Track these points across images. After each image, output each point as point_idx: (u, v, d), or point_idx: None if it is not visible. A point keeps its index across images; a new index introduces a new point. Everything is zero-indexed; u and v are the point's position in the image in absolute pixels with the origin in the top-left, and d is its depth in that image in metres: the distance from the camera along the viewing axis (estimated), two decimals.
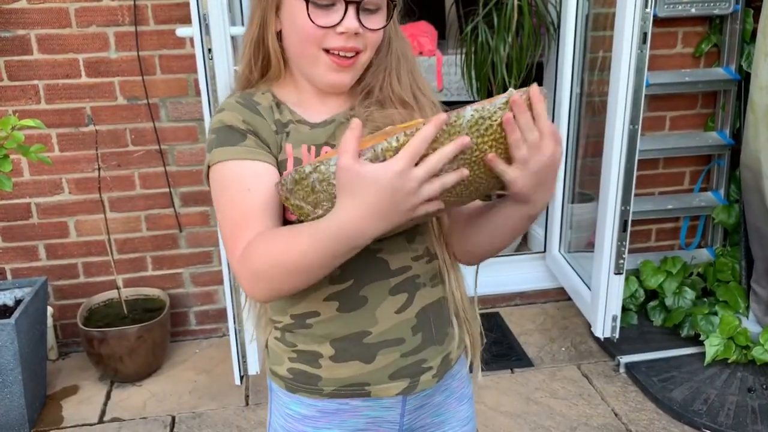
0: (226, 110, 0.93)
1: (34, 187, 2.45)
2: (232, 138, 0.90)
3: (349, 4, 0.88)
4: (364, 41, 0.91)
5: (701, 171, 2.86)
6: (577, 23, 2.61)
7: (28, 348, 2.16)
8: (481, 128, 0.76)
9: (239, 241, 0.85)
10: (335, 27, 0.88)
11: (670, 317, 2.61)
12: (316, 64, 0.92)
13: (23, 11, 2.26)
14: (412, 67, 1.00)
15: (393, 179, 0.72)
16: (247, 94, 0.97)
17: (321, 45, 0.90)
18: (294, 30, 0.91)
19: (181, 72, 2.42)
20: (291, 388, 0.99)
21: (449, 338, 1.03)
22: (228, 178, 0.89)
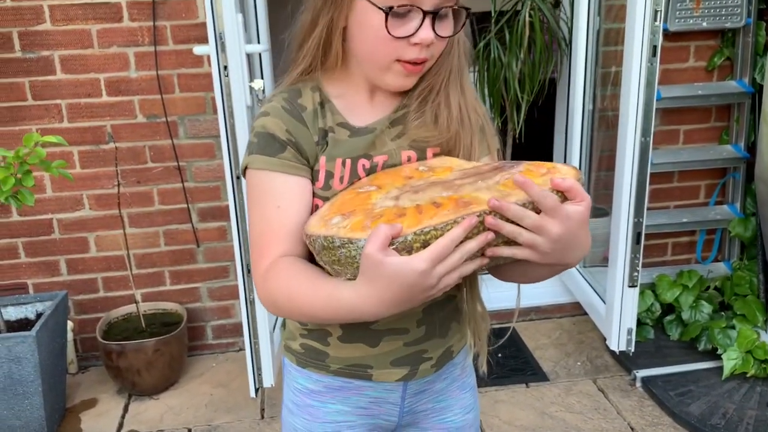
0: (271, 115, 0.94)
1: (56, 204, 2.51)
2: (272, 147, 0.92)
3: (426, 15, 0.87)
4: (434, 49, 0.91)
5: (716, 184, 2.85)
6: (588, 39, 2.63)
7: (48, 361, 2.20)
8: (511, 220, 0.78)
9: (264, 257, 0.91)
10: (410, 37, 0.88)
11: (687, 331, 2.59)
12: (386, 72, 0.92)
13: (47, 33, 2.34)
14: (464, 69, 1.00)
15: (414, 277, 0.75)
16: (294, 92, 0.97)
17: (395, 56, 0.90)
18: (365, 37, 0.90)
19: (199, 90, 2.47)
20: (301, 363, 1.05)
21: (452, 332, 1.06)
22: (261, 189, 0.93)
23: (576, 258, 0.84)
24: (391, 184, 0.89)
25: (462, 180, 0.86)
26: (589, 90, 2.70)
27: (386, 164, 0.96)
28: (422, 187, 0.85)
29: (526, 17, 2.67)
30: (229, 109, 1.96)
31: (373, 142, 0.96)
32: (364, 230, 0.78)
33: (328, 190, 0.94)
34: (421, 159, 0.97)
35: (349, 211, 0.84)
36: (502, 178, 0.84)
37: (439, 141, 0.97)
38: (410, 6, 0.86)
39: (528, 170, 0.85)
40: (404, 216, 0.79)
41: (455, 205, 0.79)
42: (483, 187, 0.82)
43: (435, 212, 0.78)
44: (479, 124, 1.00)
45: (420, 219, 0.77)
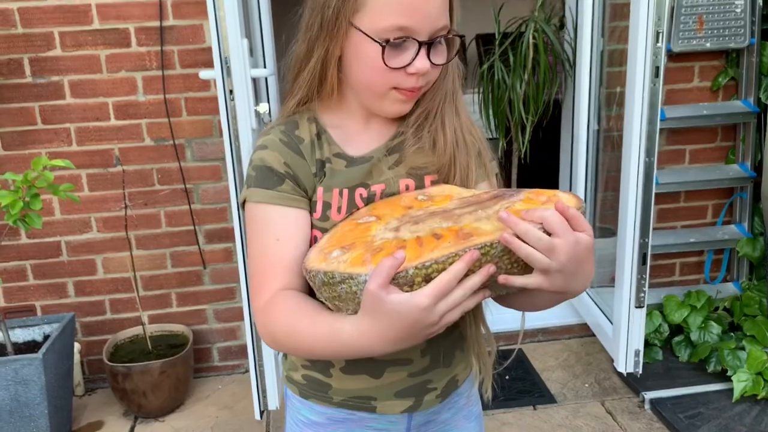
0: (269, 149, 0.94)
1: (65, 226, 2.53)
2: (270, 180, 0.92)
3: (421, 45, 0.87)
4: (428, 77, 0.92)
5: (723, 204, 2.84)
6: (592, 60, 2.64)
7: (54, 383, 2.21)
8: (513, 256, 0.78)
9: (263, 290, 0.90)
10: (406, 67, 0.88)
11: (696, 352, 2.56)
12: (383, 99, 0.93)
13: (57, 59, 2.38)
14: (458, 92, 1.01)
15: (416, 314, 0.74)
16: (291, 124, 0.97)
17: (391, 85, 0.90)
18: (362, 67, 0.90)
19: (206, 113, 2.50)
20: (304, 394, 1.03)
21: (457, 360, 1.04)
22: (260, 222, 0.93)
23: (582, 286, 0.84)
24: (391, 215, 0.88)
25: (462, 209, 0.85)
26: (594, 111, 2.71)
27: (384, 193, 0.95)
28: (422, 218, 0.84)
29: (530, 39, 2.69)
30: (234, 132, 1.98)
31: (370, 171, 0.96)
32: (365, 265, 0.77)
33: (326, 221, 0.94)
34: (419, 187, 0.97)
35: (349, 244, 0.83)
36: (502, 207, 0.83)
37: (436, 167, 0.96)
38: (406, 37, 0.87)
39: (528, 199, 0.84)
40: (404, 249, 0.77)
41: (456, 237, 0.77)
42: (483, 216, 0.81)
43: (436, 244, 0.77)
44: (476, 148, 1.00)
45: (421, 252, 0.76)
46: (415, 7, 0.85)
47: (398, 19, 0.85)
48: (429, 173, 0.97)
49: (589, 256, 0.81)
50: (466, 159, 0.97)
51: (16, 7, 2.32)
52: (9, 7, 2.31)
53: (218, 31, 1.88)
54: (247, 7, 2.25)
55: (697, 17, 2.57)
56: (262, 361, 2.16)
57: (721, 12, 2.56)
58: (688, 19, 2.57)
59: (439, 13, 0.88)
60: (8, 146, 2.43)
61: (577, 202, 0.82)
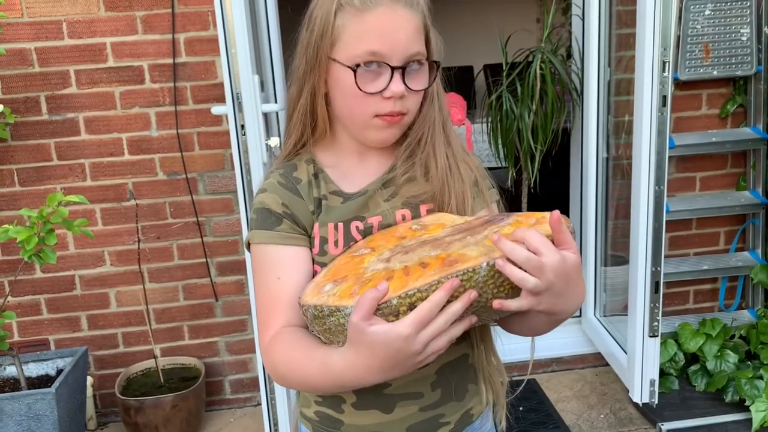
0: (268, 191, 0.98)
1: (78, 260, 2.56)
2: (269, 221, 0.96)
3: (394, 70, 0.91)
4: (407, 104, 0.94)
5: (736, 231, 2.82)
6: (599, 89, 2.66)
7: (67, 417, 2.21)
8: (498, 280, 0.78)
9: (268, 327, 0.94)
10: (382, 92, 0.92)
11: (713, 382, 2.52)
12: (367, 128, 0.96)
13: (73, 96, 2.43)
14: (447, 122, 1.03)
15: (398, 343, 0.75)
16: (290, 167, 1.01)
17: (372, 112, 0.93)
18: (342, 96, 0.95)
19: (217, 147, 2.54)
20: (317, 430, 1.04)
21: (470, 394, 1.04)
22: (262, 262, 0.96)
23: (573, 306, 0.84)
24: (384, 246, 0.90)
25: (452, 236, 0.86)
26: (603, 139, 2.72)
27: (381, 225, 0.97)
28: (412, 247, 0.86)
29: (537, 69, 2.71)
30: (246, 166, 2.01)
31: (365, 204, 0.98)
32: (352, 297, 0.78)
33: (324, 256, 0.96)
34: (416, 216, 0.98)
35: (342, 277, 0.85)
36: (491, 231, 0.84)
37: (430, 195, 0.98)
38: (377, 62, 0.91)
39: (517, 222, 0.85)
40: (392, 279, 0.79)
41: (441, 265, 0.78)
42: (471, 242, 0.82)
43: (421, 273, 0.78)
44: (472, 177, 1.01)
45: (406, 281, 0.77)
46: (383, 33, 0.90)
47: (369, 46, 0.90)
48: (424, 202, 0.99)
49: (577, 273, 0.81)
50: (461, 187, 0.99)
51: (34, 47, 2.38)
52: (27, 47, 2.37)
53: (230, 67, 1.92)
54: (258, 44, 2.29)
55: (703, 46, 2.59)
56: (274, 394, 2.15)
57: (727, 40, 2.58)
58: (694, 48, 2.59)
59: (410, 39, 0.92)
60: (24, 182, 2.47)
61: (565, 221, 0.82)
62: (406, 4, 0.92)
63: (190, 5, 2.41)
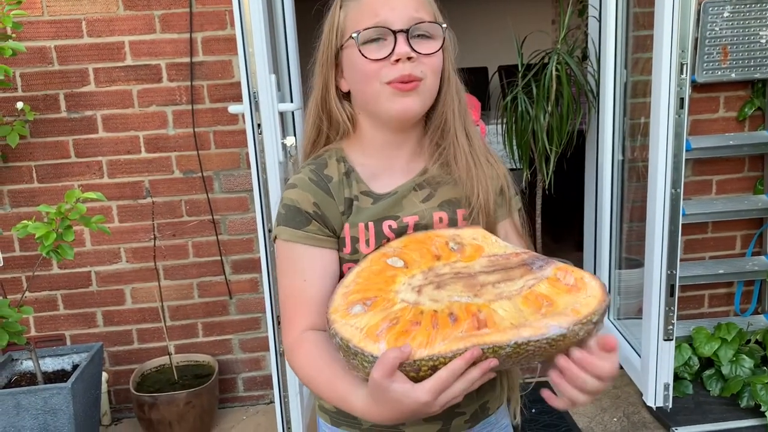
0: (299, 188, 0.97)
1: (95, 257, 2.58)
2: (298, 220, 0.96)
3: (397, 33, 0.91)
4: (421, 67, 0.92)
5: (753, 235, 2.80)
6: (616, 91, 2.65)
7: (82, 412, 2.23)
8: (520, 356, 0.80)
9: (293, 329, 0.95)
10: (389, 57, 0.91)
11: (728, 387, 2.50)
12: (380, 99, 0.94)
13: (91, 94, 2.45)
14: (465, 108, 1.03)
15: (416, 406, 0.78)
16: (320, 164, 1.00)
17: (380, 80, 0.92)
18: (354, 74, 0.95)
19: (233, 146, 2.55)
20: (335, 422, 1.06)
21: (486, 388, 1.04)
22: (289, 260, 0.97)
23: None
24: (418, 264, 0.89)
25: (487, 275, 0.87)
26: (618, 141, 2.71)
27: (418, 224, 0.97)
28: (445, 281, 0.86)
29: (553, 71, 2.71)
30: (262, 165, 2.02)
31: (398, 203, 0.98)
32: (378, 340, 0.80)
33: (355, 254, 0.97)
34: (452, 219, 0.98)
35: (371, 298, 0.85)
36: (527, 284, 0.85)
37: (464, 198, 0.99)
38: (380, 28, 0.92)
39: (555, 279, 0.86)
40: (419, 326, 0.80)
41: (470, 325, 0.80)
42: (505, 295, 0.84)
43: (448, 332, 0.79)
44: (498, 184, 1.02)
45: (433, 337, 0.79)
46: (383, 4, 0.92)
47: (369, 19, 0.92)
48: (460, 206, 0.99)
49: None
50: (486, 183, 0.99)
51: (53, 45, 2.40)
52: (47, 45, 2.40)
53: (247, 66, 1.93)
54: (275, 43, 2.30)
55: (721, 48, 2.57)
56: (287, 393, 2.16)
57: (746, 43, 2.56)
58: (713, 50, 2.57)
59: (412, 6, 0.93)
60: (43, 179, 2.50)
61: (602, 296, 0.83)
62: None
63: (208, 5, 2.42)
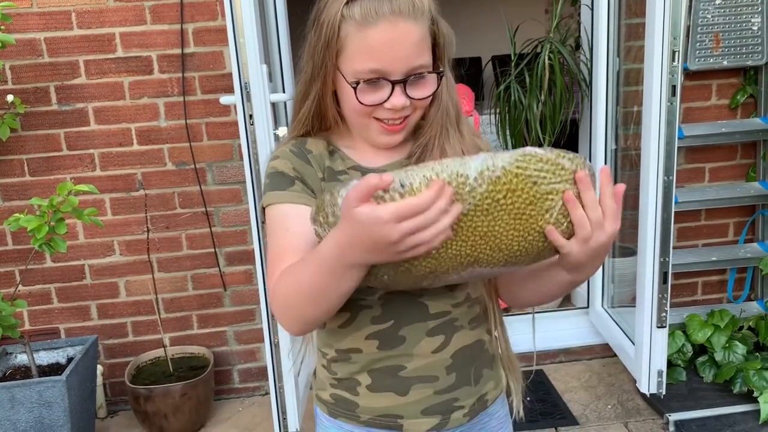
0: (280, 158, 1.01)
1: (88, 250, 2.58)
2: (282, 183, 0.98)
3: (395, 84, 0.92)
4: (412, 106, 0.95)
5: (745, 222, 2.81)
6: (608, 79, 2.65)
7: (78, 405, 2.23)
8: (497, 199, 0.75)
9: (274, 273, 0.92)
10: (383, 104, 0.93)
11: (721, 373, 2.52)
12: (368, 131, 0.98)
13: (82, 86, 2.44)
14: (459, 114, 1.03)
15: (377, 227, 0.73)
16: (300, 141, 1.03)
17: (370, 116, 0.95)
18: (345, 102, 0.97)
19: (226, 138, 2.54)
20: (332, 413, 1.05)
21: (485, 379, 1.05)
22: (275, 218, 0.97)
23: (593, 270, 0.87)
24: None
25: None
26: (611, 130, 2.71)
27: None
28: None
29: (546, 60, 2.71)
30: (254, 156, 2.01)
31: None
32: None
33: None
34: None
35: None
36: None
37: None
38: (377, 77, 0.91)
39: None
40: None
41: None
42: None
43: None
44: None
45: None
46: (384, 50, 0.90)
47: (370, 63, 0.91)
48: None
49: (610, 247, 0.83)
50: None
51: (43, 37, 2.39)
52: (36, 37, 2.38)
53: (238, 57, 1.92)
54: (266, 34, 2.29)
55: (713, 35, 2.57)
56: (282, 383, 2.17)
57: (738, 30, 2.56)
58: (705, 38, 2.57)
59: (413, 53, 0.91)
60: (34, 172, 2.49)
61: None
62: (409, 15, 0.90)
63: None
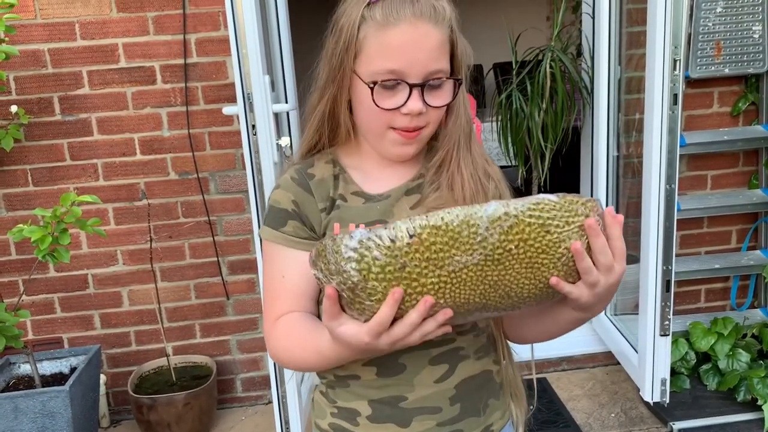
0: (281, 188, 0.99)
1: (91, 259, 2.58)
2: (277, 221, 0.97)
3: (413, 87, 0.90)
4: (426, 118, 0.93)
5: (748, 229, 2.81)
6: (610, 87, 2.65)
7: (81, 415, 2.23)
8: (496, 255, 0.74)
9: (269, 317, 0.97)
10: (400, 108, 0.91)
11: (725, 381, 2.51)
12: (382, 140, 0.95)
13: (85, 97, 2.45)
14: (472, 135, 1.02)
15: (363, 346, 0.79)
16: (306, 164, 1.01)
17: (387, 125, 0.93)
18: (361, 108, 0.95)
19: (229, 147, 2.55)
20: None
21: (491, 409, 1.01)
22: (269, 258, 0.99)
23: (603, 308, 0.86)
24: None
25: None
26: (613, 137, 2.71)
27: None
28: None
29: (547, 68, 2.71)
30: (257, 166, 2.02)
31: (389, 210, 0.97)
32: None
33: None
34: None
35: None
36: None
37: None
38: (395, 79, 0.90)
39: None
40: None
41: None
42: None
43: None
44: (496, 191, 1.00)
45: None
46: (404, 51, 0.89)
47: (388, 63, 0.89)
48: None
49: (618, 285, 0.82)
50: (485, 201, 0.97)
51: (47, 48, 2.40)
52: (40, 48, 2.40)
53: (241, 67, 1.93)
54: (268, 44, 2.30)
55: (714, 43, 2.58)
56: (285, 393, 2.17)
57: (739, 38, 2.57)
58: (706, 46, 2.58)
59: (431, 57, 0.90)
60: (38, 182, 2.50)
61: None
62: (430, 18, 0.89)
63: (201, 6, 2.42)
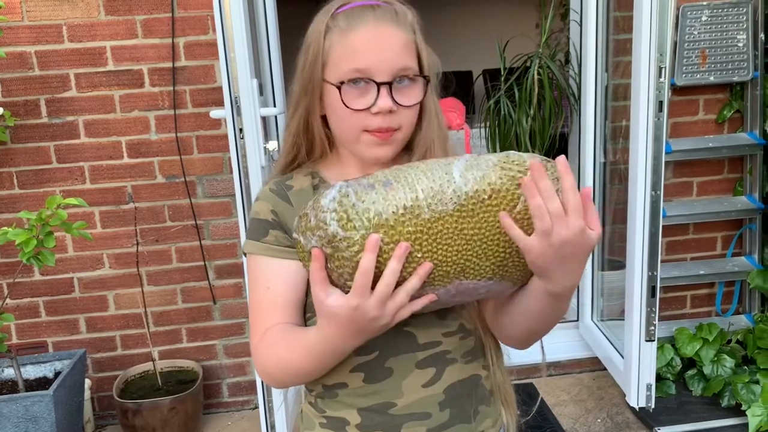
0: (261, 200, 0.99)
1: (77, 263, 2.57)
2: (258, 232, 0.97)
3: (380, 85, 0.91)
4: (398, 120, 0.93)
5: (733, 236, 2.83)
6: (597, 94, 2.67)
7: (64, 420, 2.21)
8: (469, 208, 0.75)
9: (256, 332, 0.95)
10: (369, 108, 0.91)
11: (710, 386, 2.53)
12: (358, 144, 0.95)
13: (73, 99, 2.44)
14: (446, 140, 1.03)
15: (350, 313, 0.77)
16: (286, 177, 1.02)
17: (360, 128, 0.93)
18: (334, 114, 0.95)
19: (216, 151, 2.55)
20: None
21: (482, 416, 1.00)
22: (254, 270, 0.98)
23: (566, 284, 0.81)
24: None
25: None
26: (600, 144, 2.73)
27: None
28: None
29: (535, 75, 2.73)
30: (244, 170, 2.02)
31: None
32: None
33: None
34: None
35: None
36: None
37: None
38: (363, 78, 0.91)
39: None
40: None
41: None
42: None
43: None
44: None
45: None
46: (368, 50, 0.90)
47: (353, 63, 0.91)
48: None
49: (585, 256, 0.78)
50: None
51: (34, 50, 2.39)
52: (27, 50, 2.39)
53: (228, 71, 1.93)
54: (257, 48, 2.30)
55: (699, 51, 2.60)
56: (272, 397, 2.16)
57: (724, 46, 2.60)
58: (691, 54, 2.60)
59: (397, 54, 0.91)
60: (24, 185, 2.48)
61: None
62: (392, 21, 0.91)
63: (190, 9, 2.42)
